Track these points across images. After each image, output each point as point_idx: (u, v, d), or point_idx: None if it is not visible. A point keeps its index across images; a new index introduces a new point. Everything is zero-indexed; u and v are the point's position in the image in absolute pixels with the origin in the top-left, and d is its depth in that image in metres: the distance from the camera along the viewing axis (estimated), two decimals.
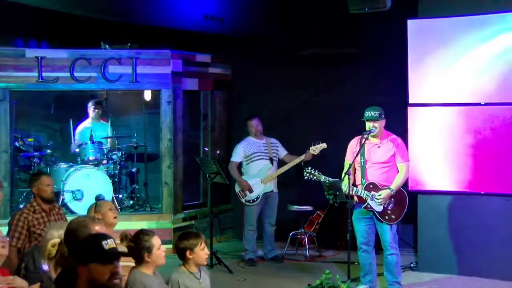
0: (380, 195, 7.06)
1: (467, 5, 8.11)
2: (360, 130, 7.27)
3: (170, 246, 9.03)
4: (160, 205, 9.74)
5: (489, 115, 8.04)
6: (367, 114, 7.13)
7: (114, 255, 3.56)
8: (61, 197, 9.05)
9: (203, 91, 10.48)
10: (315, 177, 7.22)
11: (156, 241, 4.53)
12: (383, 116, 7.15)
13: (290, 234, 9.48)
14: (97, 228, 4.49)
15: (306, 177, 7.30)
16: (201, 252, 4.84)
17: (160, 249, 4.56)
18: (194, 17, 9.11)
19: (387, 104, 8.56)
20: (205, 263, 4.97)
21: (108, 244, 3.51)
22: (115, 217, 5.67)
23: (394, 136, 7.32)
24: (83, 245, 3.54)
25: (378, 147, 7.22)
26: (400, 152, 7.23)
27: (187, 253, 4.85)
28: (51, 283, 4.06)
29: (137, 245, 4.44)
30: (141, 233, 4.55)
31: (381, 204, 7.09)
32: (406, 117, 8.40)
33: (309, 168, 7.31)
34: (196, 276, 4.89)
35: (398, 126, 8.30)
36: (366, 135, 7.13)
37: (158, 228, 9.16)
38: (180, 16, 9.03)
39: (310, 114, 9.93)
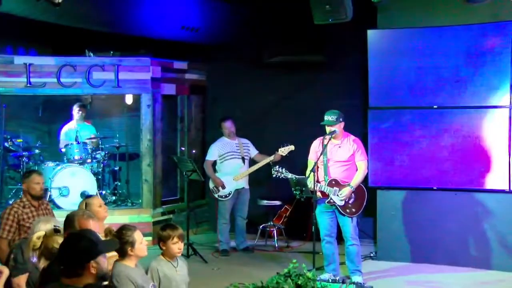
0: (341, 193, 7.11)
1: (421, 19, 8.18)
2: (324, 131, 7.31)
3: (150, 238, 9.11)
4: (140, 201, 9.72)
5: (442, 118, 8.13)
6: (326, 118, 7.18)
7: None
8: (49, 193, 8.99)
9: (180, 95, 10.49)
10: (282, 175, 7.24)
11: (138, 235, 4.51)
12: (341, 119, 7.18)
13: (260, 227, 9.49)
14: (92, 223, 4.54)
15: (274, 175, 7.32)
16: (173, 246, 4.85)
17: (142, 243, 4.54)
18: (171, 27, 9.11)
19: (349, 107, 8.68)
20: (176, 255, 4.94)
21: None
22: (105, 212, 5.67)
23: (353, 137, 7.37)
24: (92, 242, 3.47)
25: (339, 147, 7.27)
26: (359, 151, 7.28)
27: (161, 243, 4.90)
28: (38, 273, 4.07)
29: (121, 240, 4.40)
30: (124, 228, 4.52)
31: (342, 199, 7.16)
32: (366, 119, 8.45)
33: (277, 167, 7.33)
34: (173, 264, 4.91)
35: (359, 127, 8.39)
36: (329, 137, 7.17)
37: (138, 222, 9.16)
38: (159, 26, 9.03)
39: (279, 116, 9.94)
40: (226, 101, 10.28)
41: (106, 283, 3.78)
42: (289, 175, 7.18)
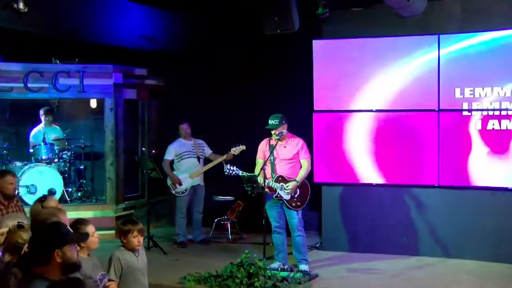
0: (288, 186, 7.19)
1: (361, 30, 8.27)
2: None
3: (113, 231, 9.05)
4: (104, 197, 9.69)
5: (380, 120, 8.25)
6: (270, 122, 7.24)
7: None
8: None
9: (140, 100, 10.48)
10: (233, 173, 7.26)
11: (91, 229, 4.47)
12: (283, 122, 7.24)
13: (215, 220, 9.52)
14: (55, 219, 4.49)
15: (226, 173, 7.34)
16: (133, 239, 4.85)
17: (94, 236, 4.50)
18: (131, 37, 9.10)
19: (297, 110, 8.71)
20: (137, 249, 4.92)
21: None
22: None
23: (297, 137, 7.43)
24: (59, 231, 3.43)
25: (284, 147, 7.35)
26: (302, 150, 7.37)
27: (122, 237, 4.91)
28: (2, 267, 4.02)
29: (75, 232, 4.40)
30: (78, 222, 4.49)
31: (289, 194, 7.23)
32: (312, 122, 8.50)
33: (228, 165, 7.36)
34: (134, 254, 4.94)
35: (306, 129, 8.46)
36: (277, 138, 7.25)
37: (102, 217, 9.17)
38: (120, 36, 8.99)
39: (231, 119, 9.97)
40: (183, 105, 10.26)
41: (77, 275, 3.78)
42: (240, 172, 7.23)
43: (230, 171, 7.28)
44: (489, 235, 7.79)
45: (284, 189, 7.20)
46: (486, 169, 7.81)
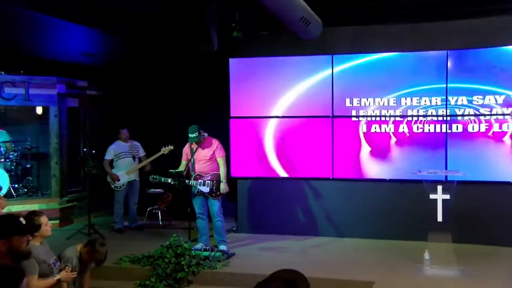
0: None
1: (269, 50, 8.38)
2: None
3: (57, 221, 8.91)
4: (49, 192, 9.44)
5: (286, 124, 8.34)
6: (190, 136, 7.18)
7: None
8: None
9: (82, 107, 10.23)
10: (157, 180, 7.28)
11: (44, 219, 4.41)
12: (200, 131, 7.22)
13: (148, 209, 9.46)
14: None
15: (151, 181, 7.34)
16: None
17: (47, 225, 4.44)
18: (73, 53, 8.93)
19: (218, 116, 8.73)
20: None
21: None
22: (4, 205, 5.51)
23: (213, 139, 7.42)
24: (5, 223, 3.34)
25: (203, 149, 7.34)
26: (217, 150, 7.34)
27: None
28: None
29: (30, 223, 4.30)
30: (32, 214, 4.41)
31: (207, 186, 7.26)
32: (229, 126, 8.56)
33: (153, 175, 7.31)
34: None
35: (225, 131, 8.53)
36: (196, 145, 7.30)
37: (47, 209, 8.91)
38: (64, 52, 8.84)
39: (162, 124, 9.89)
40: (118, 112, 10.10)
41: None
42: (163, 179, 7.22)
43: (155, 180, 7.28)
44: (373, 218, 8.08)
45: (205, 185, 7.26)
46: (371, 164, 8.06)
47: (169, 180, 7.22)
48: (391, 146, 8.01)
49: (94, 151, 9.73)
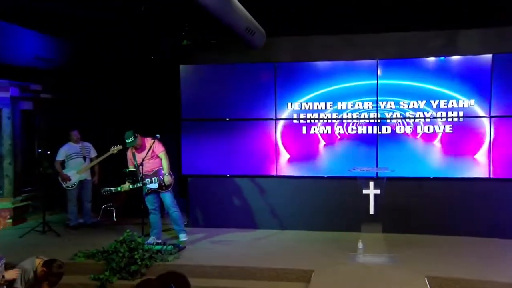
0: (166, 182, 7.23)
1: (218, 58, 8.41)
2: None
3: (10, 220, 8.61)
4: (2, 191, 9.11)
5: (234, 127, 8.38)
6: (127, 141, 7.17)
7: None
8: None
9: (36, 110, 9.92)
10: (108, 192, 7.23)
11: None
12: (135, 135, 7.20)
13: (103, 207, 9.33)
14: None
15: (103, 193, 7.26)
16: None
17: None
18: (27, 57, 8.63)
19: (171, 118, 8.71)
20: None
21: None
22: None
23: (149, 138, 7.36)
24: None
25: (142, 150, 7.33)
26: (156, 147, 7.30)
27: None
28: None
29: None
30: None
31: (155, 182, 7.25)
32: (180, 128, 8.55)
33: (105, 188, 7.25)
34: None
35: (177, 132, 8.50)
36: (135, 149, 7.28)
37: (1, 208, 8.63)
38: (17, 56, 8.53)
39: (112, 125, 9.61)
40: (71, 114, 9.84)
41: None
42: (113, 189, 7.16)
43: (106, 192, 7.20)
44: (313, 211, 8.22)
45: (154, 182, 7.24)
46: (308, 162, 8.22)
47: (119, 189, 7.15)
48: (329, 146, 8.19)
49: (49, 152, 9.47)
